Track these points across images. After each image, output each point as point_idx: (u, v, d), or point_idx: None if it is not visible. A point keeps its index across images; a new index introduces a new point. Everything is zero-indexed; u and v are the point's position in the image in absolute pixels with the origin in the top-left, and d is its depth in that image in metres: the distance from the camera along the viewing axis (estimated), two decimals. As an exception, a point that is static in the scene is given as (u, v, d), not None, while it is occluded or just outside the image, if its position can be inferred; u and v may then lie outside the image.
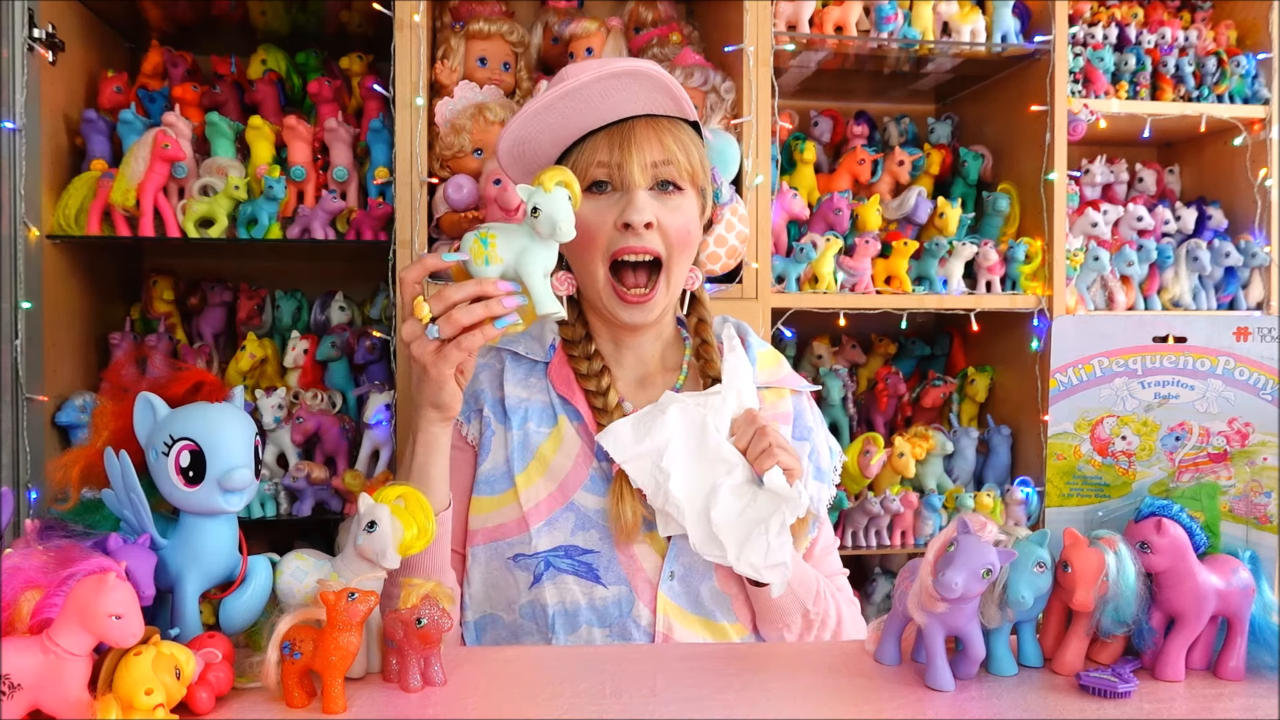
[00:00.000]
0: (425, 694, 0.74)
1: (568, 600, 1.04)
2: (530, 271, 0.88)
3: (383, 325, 1.96)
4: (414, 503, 0.81)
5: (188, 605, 0.75)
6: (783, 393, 1.18)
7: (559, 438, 1.09)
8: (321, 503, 1.77)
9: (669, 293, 1.08)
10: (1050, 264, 1.95)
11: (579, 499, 1.06)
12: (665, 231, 1.04)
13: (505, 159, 1.09)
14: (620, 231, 1.04)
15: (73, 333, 1.79)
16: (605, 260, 1.05)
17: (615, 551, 1.05)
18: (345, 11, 1.89)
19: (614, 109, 1.04)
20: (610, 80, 1.00)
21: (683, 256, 1.07)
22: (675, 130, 1.06)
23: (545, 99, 1.01)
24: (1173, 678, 0.77)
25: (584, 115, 1.04)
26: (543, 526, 1.05)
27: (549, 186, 0.86)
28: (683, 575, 1.05)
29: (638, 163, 1.03)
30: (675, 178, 1.05)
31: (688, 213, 1.07)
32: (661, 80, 1.02)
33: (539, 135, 1.06)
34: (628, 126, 1.04)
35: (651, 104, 1.05)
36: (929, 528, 1.91)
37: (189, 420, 0.75)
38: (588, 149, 1.05)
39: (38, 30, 1.62)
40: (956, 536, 0.75)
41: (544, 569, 1.04)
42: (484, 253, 0.87)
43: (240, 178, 1.74)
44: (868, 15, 1.91)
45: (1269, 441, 0.81)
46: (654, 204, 1.04)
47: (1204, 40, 2.18)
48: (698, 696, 0.75)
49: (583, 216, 1.04)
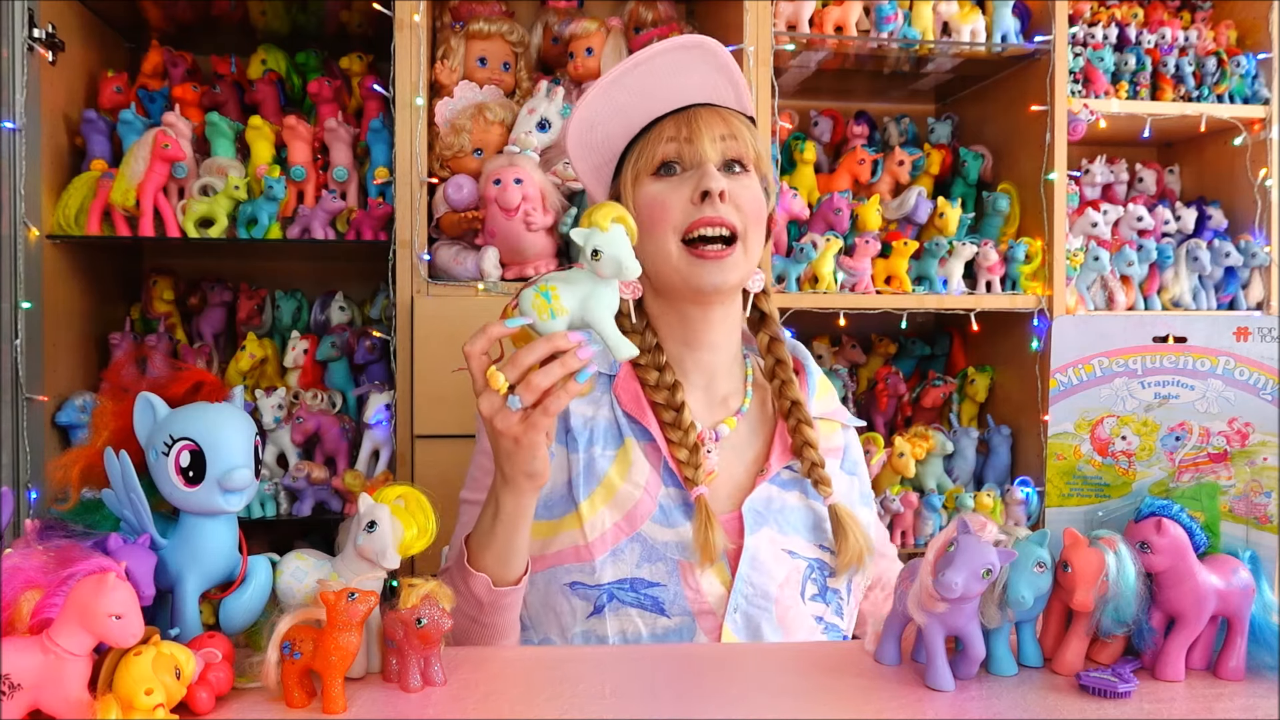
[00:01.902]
0: (425, 694, 0.74)
1: (629, 631, 1.00)
2: (600, 318, 0.83)
3: (383, 325, 1.96)
4: (414, 503, 0.81)
5: (188, 605, 0.75)
6: (834, 425, 1.15)
7: (626, 461, 1.04)
8: (321, 503, 1.77)
9: (746, 261, 1.04)
10: (1050, 264, 1.95)
11: (646, 530, 1.02)
12: (739, 205, 1.02)
13: (575, 146, 1.07)
14: (696, 205, 1.01)
15: (73, 333, 1.79)
16: (678, 235, 1.02)
17: (681, 586, 1.01)
18: (345, 11, 1.89)
19: (680, 89, 1.04)
20: (679, 53, 1.00)
21: (757, 232, 1.04)
22: (738, 118, 1.06)
23: (616, 72, 1.00)
24: (1173, 678, 0.77)
25: (653, 94, 1.03)
26: (607, 558, 1.01)
27: (605, 225, 0.81)
28: (745, 610, 1.02)
29: (707, 137, 1.02)
30: (741, 155, 1.04)
31: (756, 192, 1.05)
32: (724, 60, 1.02)
33: (610, 120, 1.04)
34: (693, 111, 1.04)
35: (715, 92, 1.05)
36: (929, 528, 1.91)
37: (189, 420, 0.74)
38: (654, 133, 1.04)
39: (38, 30, 1.62)
40: (956, 536, 0.75)
41: (607, 600, 1.01)
42: (548, 307, 0.82)
43: (240, 178, 1.74)
44: (868, 15, 1.91)
45: (1269, 441, 0.81)
46: (725, 179, 1.02)
47: (1204, 40, 2.18)
48: (697, 696, 0.75)
49: (654, 196, 1.03)
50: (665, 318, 1.09)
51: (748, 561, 1.02)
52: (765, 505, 1.06)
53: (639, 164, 1.05)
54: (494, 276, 1.68)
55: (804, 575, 1.05)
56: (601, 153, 1.08)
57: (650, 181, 1.04)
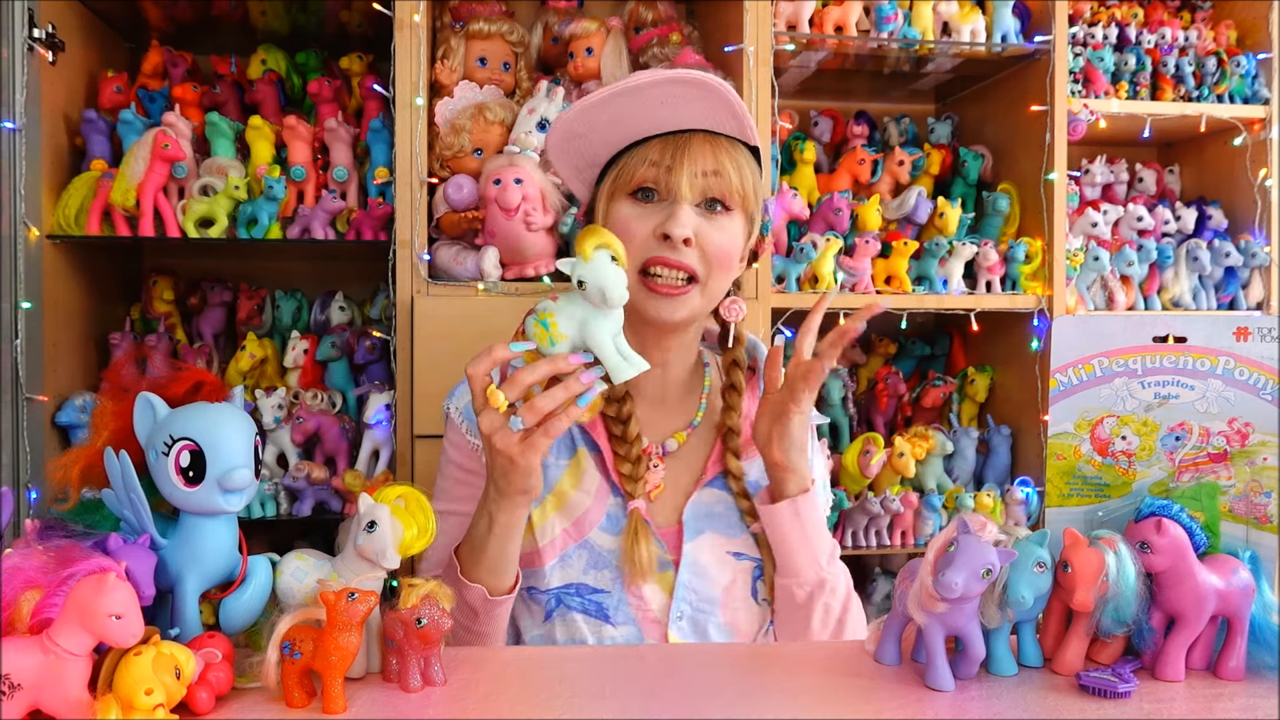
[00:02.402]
0: (425, 694, 0.74)
1: (575, 638, 1.03)
2: (599, 342, 0.82)
3: (383, 325, 1.96)
4: (414, 503, 0.81)
5: (188, 605, 0.75)
6: None
7: (578, 471, 1.07)
8: (321, 503, 1.77)
9: (703, 300, 1.02)
10: (1050, 264, 1.95)
11: (594, 537, 1.04)
12: (705, 249, 0.99)
13: (555, 152, 1.05)
14: (658, 241, 0.99)
15: (73, 333, 1.79)
16: (637, 266, 1.00)
17: (625, 593, 1.04)
18: (345, 11, 1.89)
19: (672, 117, 0.98)
20: (673, 86, 0.95)
21: (722, 276, 1.02)
22: (732, 150, 1.01)
23: (602, 94, 0.96)
24: (1173, 678, 0.77)
25: (640, 118, 0.99)
26: (556, 564, 1.04)
27: (588, 254, 0.80)
28: (691, 615, 1.04)
29: (688, 171, 0.98)
30: (724, 194, 1.00)
31: (732, 233, 1.01)
32: (726, 97, 0.96)
33: (590, 133, 1.01)
34: (683, 137, 0.99)
35: (713, 119, 0.99)
36: (929, 528, 1.91)
37: (189, 420, 0.74)
38: (639, 152, 1.00)
39: (38, 30, 1.62)
40: (956, 536, 0.75)
41: (554, 605, 1.04)
42: (547, 335, 0.82)
43: (240, 178, 1.74)
44: (868, 15, 1.91)
45: (1269, 441, 0.81)
46: (697, 220, 0.99)
47: (1204, 40, 2.18)
48: (697, 696, 0.75)
49: (623, 220, 1.00)
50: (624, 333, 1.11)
51: (687, 568, 1.05)
52: (707, 510, 1.07)
53: (618, 180, 1.02)
54: (494, 276, 1.68)
55: (752, 575, 1.07)
56: (583, 159, 1.06)
57: (624, 203, 1.01)
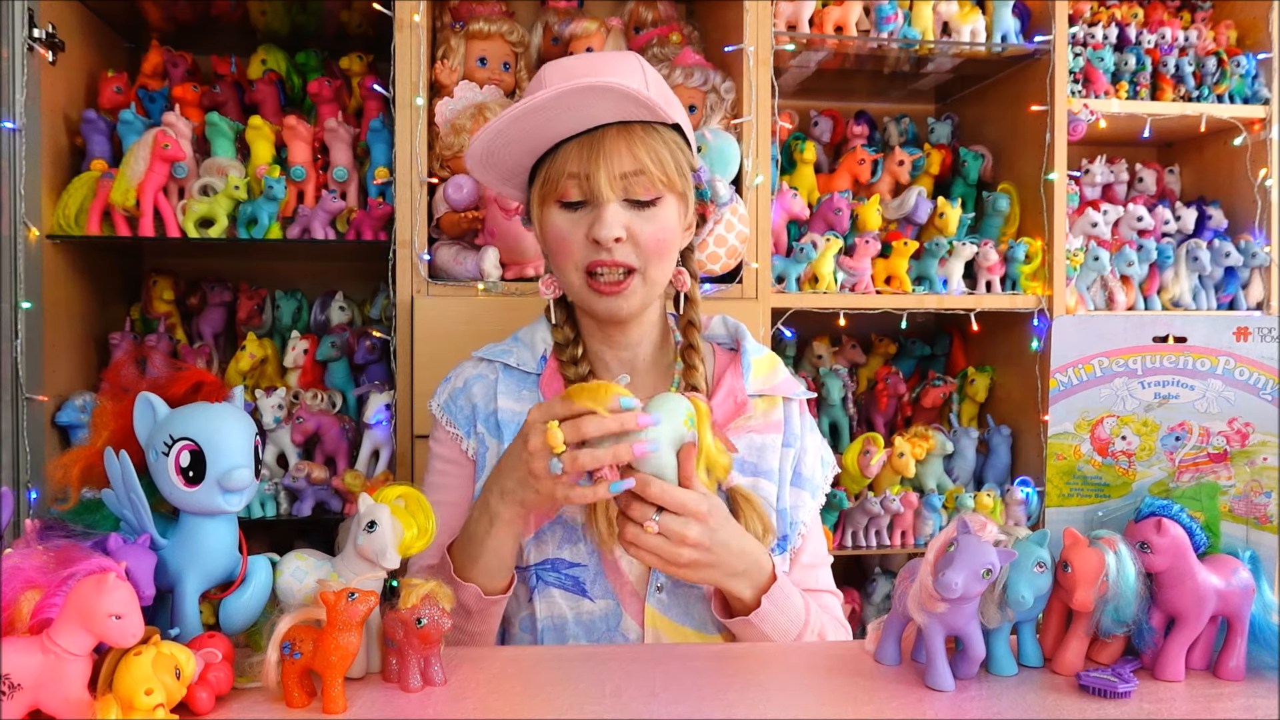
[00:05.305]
0: (425, 694, 0.74)
1: (555, 614, 1.04)
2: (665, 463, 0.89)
3: (383, 325, 1.96)
4: (414, 503, 0.81)
5: (188, 605, 0.75)
6: (775, 401, 1.15)
7: None
8: (321, 503, 1.77)
9: (645, 289, 1.05)
10: (1050, 264, 1.95)
11: (566, 512, 1.06)
12: (638, 242, 1.02)
13: (477, 172, 1.08)
14: (592, 245, 1.02)
15: (73, 333, 1.79)
16: (580, 270, 1.04)
17: (602, 565, 1.04)
18: (345, 11, 1.89)
19: (582, 119, 1.00)
20: (572, 96, 0.96)
21: (660, 264, 1.05)
22: (648, 137, 1.02)
23: (511, 113, 0.98)
24: (1173, 678, 0.77)
25: (553, 126, 1.01)
26: (531, 541, 1.05)
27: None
28: (671, 587, 1.04)
29: (605, 175, 1.00)
30: (648, 190, 1.02)
31: (663, 221, 1.04)
32: (628, 92, 0.97)
33: (505, 149, 1.04)
34: (598, 136, 1.01)
35: (622, 112, 1.01)
36: (929, 528, 1.91)
37: (189, 420, 0.74)
38: (559, 159, 1.02)
39: (38, 30, 1.62)
40: (956, 536, 0.75)
41: (535, 582, 1.05)
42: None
43: (240, 178, 1.74)
44: (868, 15, 1.91)
45: (1269, 441, 0.81)
46: (626, 215, 1.01)
47: (1204, 40, 2.18)
48: (697, 696, 0.75)
49: (557, 229, 1.04)
50: (584, 319, 1.13)
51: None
52: None
53: (545, 188, 1.04)
54: (494, 276, 1.68)
55: None
56: (505, 169, 1.08)
57: (555, 211, 1.04)
